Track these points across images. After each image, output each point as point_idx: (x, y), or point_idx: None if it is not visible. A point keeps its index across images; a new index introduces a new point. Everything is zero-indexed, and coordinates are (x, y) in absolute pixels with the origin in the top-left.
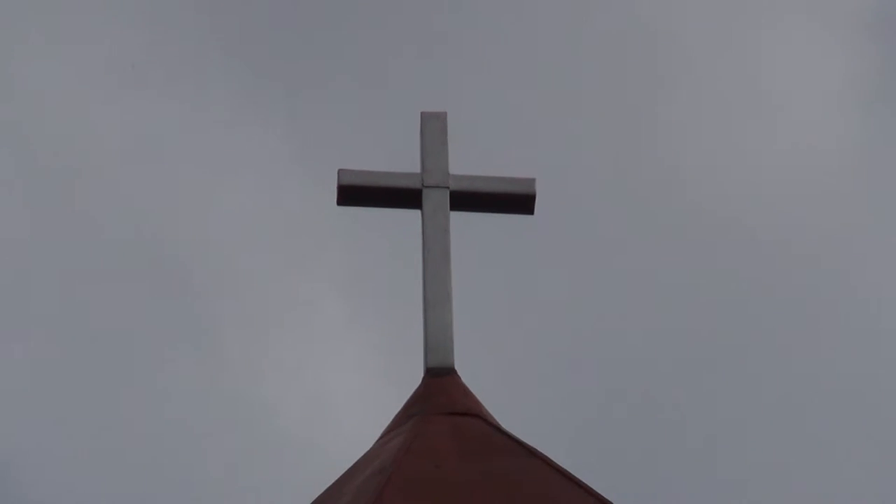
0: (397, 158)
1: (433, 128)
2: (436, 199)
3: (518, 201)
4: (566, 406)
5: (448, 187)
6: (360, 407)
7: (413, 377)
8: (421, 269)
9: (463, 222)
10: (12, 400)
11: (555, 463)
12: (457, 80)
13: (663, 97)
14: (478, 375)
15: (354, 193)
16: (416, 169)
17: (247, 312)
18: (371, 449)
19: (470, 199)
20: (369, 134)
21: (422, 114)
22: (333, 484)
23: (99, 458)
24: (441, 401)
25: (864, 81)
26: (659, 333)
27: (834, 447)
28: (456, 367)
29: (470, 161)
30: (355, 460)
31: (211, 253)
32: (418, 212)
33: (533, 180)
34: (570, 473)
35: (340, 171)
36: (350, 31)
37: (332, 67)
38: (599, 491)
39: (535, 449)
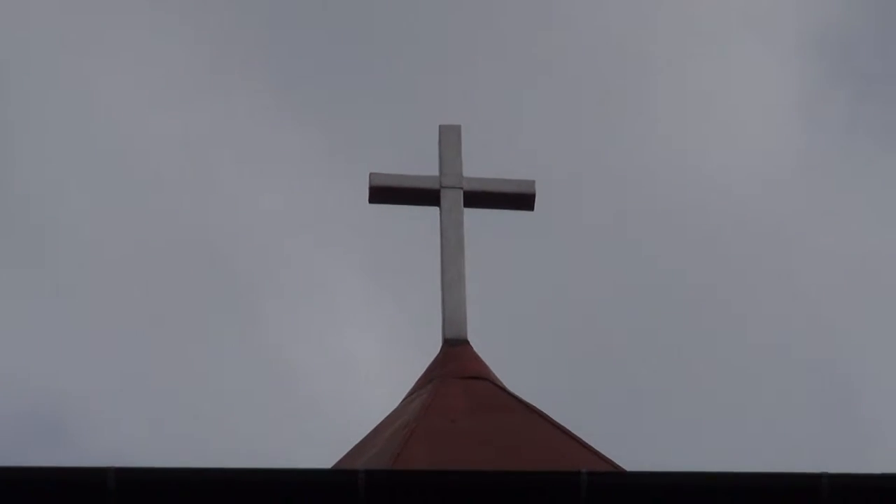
0: (419, 163)
1: (449, 138)
2: (451, 198)
3: (521, 199)
4: (563, 371)
5: (462, 188)
6: (388, 372)
7: (433, 347)
8: (439, 257)
9: (474, 217)
10: (85, 361)
11: (550, 417)
12: (469, 95)
13: (642, 109)
14: (487, 345)
15: (383, 193)
16: (435, 172)
17: (289, 294)
18: (397, 407)
19: (480, 198)
20: (395, 142)
21: (440, 126)
22: (366, 437)
23: (151, 411)
24: (456, 367)
25: (807, 93)
26: (644, 312)
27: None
28: (469, 339)
29: (480, 165)
30: (384, 417)
31: (259, 239)
32: (437, 208)
33: (533, 182)
34: (561, 426)
35: (372, 175)
36: (378, 52)
37: (363, 84)
38: (585, 439)
39: (534, 406)
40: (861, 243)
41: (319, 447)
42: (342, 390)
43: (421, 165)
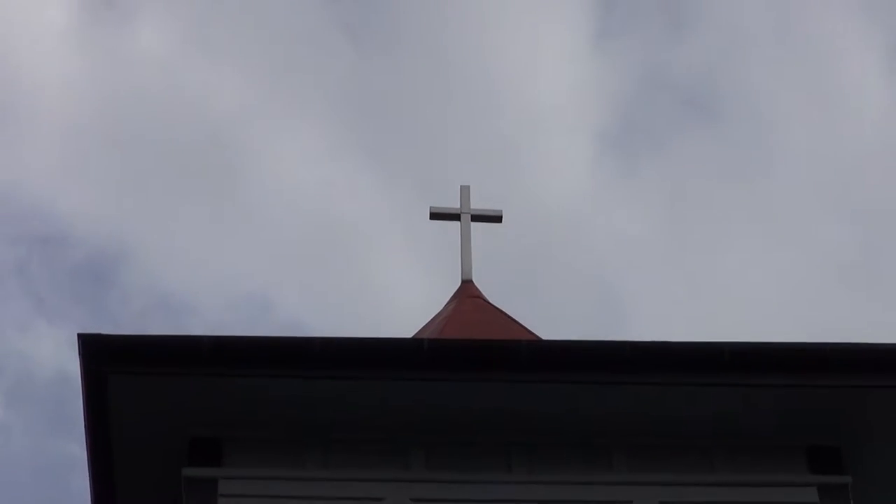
0: (450, 200)
1: (465, 191)
2: (466, 218)
3: (495, 218)
4: (519, 294)
5: (470, 213)
6: (434, 297)
7: (456, 283)
8: (459, 246)
9: (476, 226)
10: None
11: (510, 315)
12: (474, 163)
13: (537, 168)
14: (482, 283)
15: (436, 216)
16: (458, 205)
17: (385, 262)
18: (440, 311)
19: (479, 217)
20: (440, 190)
21: (460, 186)
22: (425, 324)
23: (315, 309)
24: (467, 292)
25: (609, 144)
26: (549, 268)
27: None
28: (473, 280)
29: (479, 201)
30: (433, 314)
31: (359, 227)
32: (458, 223)
33: (501, 210)
34: (515, 319)
35: (431, 207)
36: (430, 143)
37: (425, 163)
38: (527, 326)
39: (502, 310)
40: (631, 220)
41: (398, 326)
42: (410, 305)
43: (451, 201)
